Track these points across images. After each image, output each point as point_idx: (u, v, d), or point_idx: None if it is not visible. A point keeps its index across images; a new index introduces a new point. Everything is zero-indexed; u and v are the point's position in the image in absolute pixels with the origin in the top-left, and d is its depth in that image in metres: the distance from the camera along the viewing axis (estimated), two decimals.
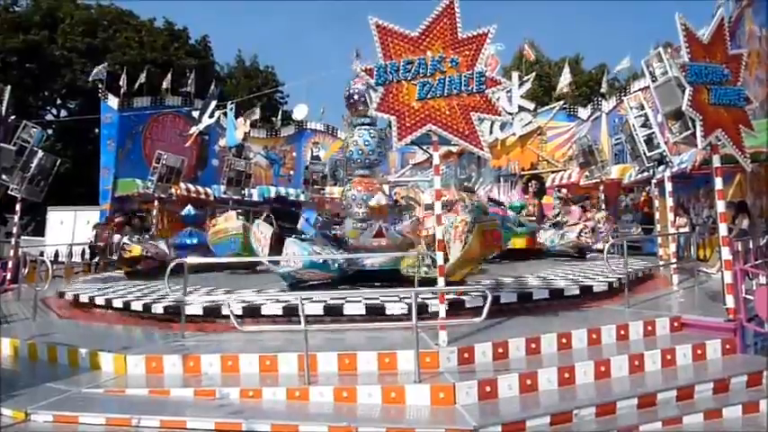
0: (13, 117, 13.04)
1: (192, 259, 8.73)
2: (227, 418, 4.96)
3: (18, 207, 13.78)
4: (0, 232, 28.04)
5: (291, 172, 30.30)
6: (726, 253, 6.87)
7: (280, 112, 34.47)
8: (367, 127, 11.34)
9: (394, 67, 6.10)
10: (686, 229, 12.31)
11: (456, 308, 7.17)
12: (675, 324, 6.93)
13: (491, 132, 25.70)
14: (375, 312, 7.40)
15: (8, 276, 13.05)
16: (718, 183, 6.96)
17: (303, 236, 10.02)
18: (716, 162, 6.98)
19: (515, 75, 27.24)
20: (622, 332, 6.64)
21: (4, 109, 12.35)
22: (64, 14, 35.12)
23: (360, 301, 7.57)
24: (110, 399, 5.49)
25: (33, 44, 32.45)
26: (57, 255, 19.88)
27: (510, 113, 25.40)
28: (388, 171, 28.92)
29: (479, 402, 5.21)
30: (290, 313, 7.37)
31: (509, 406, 5.17)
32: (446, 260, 6.84)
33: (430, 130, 6.07)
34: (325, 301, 7.57)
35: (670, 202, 10.26)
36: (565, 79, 27.12)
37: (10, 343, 7.28)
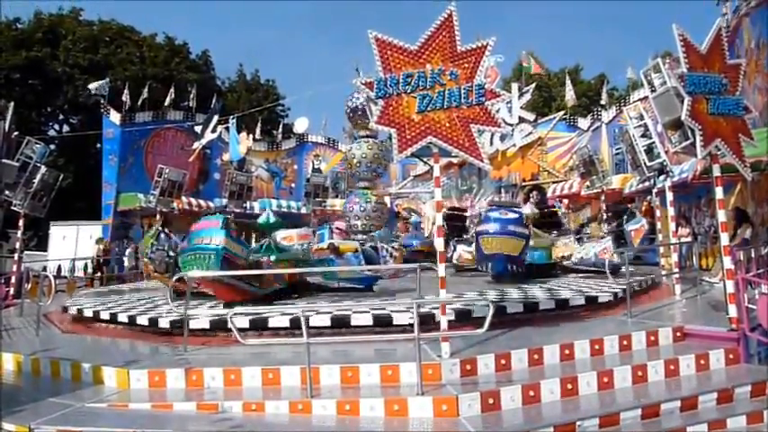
0: (16, 133, 13.15)
1: (196, 273, 8.73)
2: (229, 431, 4.96)
3: (21, 222, 13.85)
4: (2, 248, 28.09)
5: (293, 184, 30.42)
6: (728, 262, 6.87)
7: (281, 125, 34.63)
8: (366, 140, 11.39)
9: (394, 80, 6.14)
10: (688, 239, 12.29)
11: (458, 319, 7.18)
12: (678, 334, 6.91)
13: (491, 143, 25.75)
14: (381, 323, 7.42)
15: (11, 291, 13.12)
16: (719, 192, 6.98)
17: None
18: (716, 171, 7.00)
19: (515, 86, 27.35)
20: (625, 342, 6.62)
21: (7, 125, 12.44)
22: (66, 31, 35.45)
23: (368, 312, 7.58)
24: (113, 413, 5.48)
25: (36, 61, 32.72)
26: (59, 269, 19.94)
27: (510, 124, 25.49)
28: (390, 183, 29.06)
29: (482, 414, 5.19)
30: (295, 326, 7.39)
31: (512, 418, 5.15)
32: None
33: (430, 143, 6.11)
34: (330, 313, 7.57)
35: (671, 211, 10.27)
36: (570, 91, 27.28)
37: (13, 358, 7.29)
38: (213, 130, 23.34)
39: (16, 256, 14.64)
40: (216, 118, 23.27)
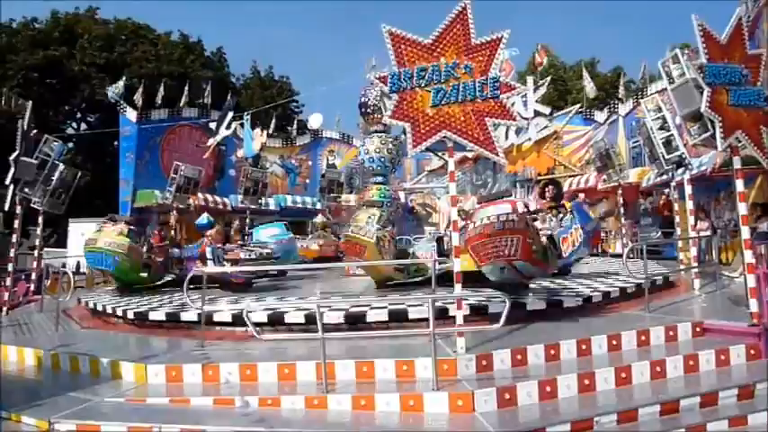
0: (34, 131, 13.34)
1: (212, 269, 8.79)
2: (246, 426, 4.98)
3: (40, 220, 14.03)
4: (23, 245, 28.53)
5: (307, 180, 30.51)
6: (748, 256, 6.75)
7: (295, 122, 34.72)
8: (380, 134, 11.29)
9: (407, 74, 6.11)
10: (707, 233, 12.12)
11: (474, 314, 7.15)
12: (697, 329, 6.81)
13: (507, 138, 25.65)
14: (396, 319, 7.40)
15: (31, 288, 13.33)
16: (740, 185, 6.85)
17: None
18: (736, 164, 6.87)
19: (530, 79, 27.15)
20: (643, 338, 6.54)
21: (26, 124, 12.64)
22: (82, 30, 35.84)
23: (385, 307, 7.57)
24: (131, 408, 5.53)
25: (53, 60, 33.12)
26: (78, 266, 20.16)
27: (525, 118, 25.32)
28: (404, 178, 29.01)
29: (498, 410, 5.15)
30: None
31: (528, 413, 5.11)
32: None
33: (445, 137, 6.07)
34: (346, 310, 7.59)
35: (690, 205, 10.12)
36: (589, 83, 27.01)
37: (33, 353, 7.40)
38: (227, 127, 23.49)
39: (36, 252, 14.83)
40: (230, 114, 23.40)
